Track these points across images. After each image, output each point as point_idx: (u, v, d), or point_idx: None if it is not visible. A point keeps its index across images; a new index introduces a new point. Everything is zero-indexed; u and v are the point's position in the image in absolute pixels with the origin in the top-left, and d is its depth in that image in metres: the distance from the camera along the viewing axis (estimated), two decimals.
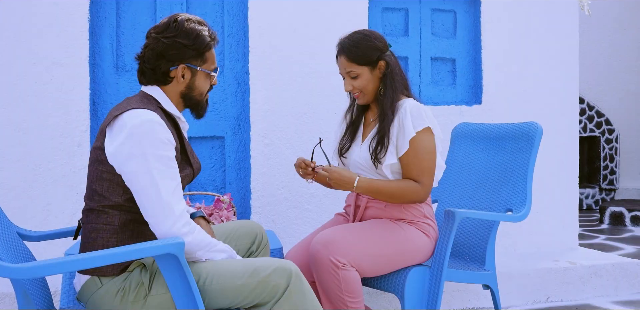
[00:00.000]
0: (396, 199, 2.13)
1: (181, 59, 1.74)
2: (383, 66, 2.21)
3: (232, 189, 3.12)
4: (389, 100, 2.18)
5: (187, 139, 1.86)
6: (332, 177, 2.08)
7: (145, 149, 1.58)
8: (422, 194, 2.13)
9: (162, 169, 1.60)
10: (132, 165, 1.59)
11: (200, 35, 1.74)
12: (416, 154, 2.12)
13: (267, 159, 3.05)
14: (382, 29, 3.27)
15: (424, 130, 2.13)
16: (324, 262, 2.01)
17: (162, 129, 1.63)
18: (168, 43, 1.72)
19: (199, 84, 1.79)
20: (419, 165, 2.12)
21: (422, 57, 3.32)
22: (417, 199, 2.14)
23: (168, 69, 1.74)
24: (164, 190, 1.58)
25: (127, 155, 1.59)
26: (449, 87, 3.38)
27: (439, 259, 2.21)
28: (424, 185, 2.13)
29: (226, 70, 3.11)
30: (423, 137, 2.13)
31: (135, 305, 1.60)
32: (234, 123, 3.12)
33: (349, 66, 2.17)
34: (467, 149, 2.78)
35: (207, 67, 1.79)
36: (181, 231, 1.58)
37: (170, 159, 1.63)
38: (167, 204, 1.58)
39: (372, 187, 2.10)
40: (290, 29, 3.05)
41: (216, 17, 3.11)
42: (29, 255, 1.80)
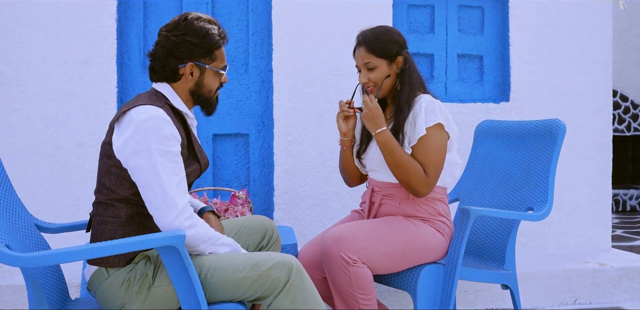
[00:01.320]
0: (400, 171, 2.09)
1: (190, 57, 1.77)
2: (401, 62, 2.20)
3: (256, 186, 3.16)
4: (405, 96, 2.18)
5: (195, 135, 1.89)
6: (370, 107, 2.10)
7: (150, 144, 1.62)
8: (423, 182, 2.09)
9: (166, 163, 1.63)
10: (137, 160, 1.63)
11: (209, 34, 1.77)
12: (424, 148, 2.11)
13: (291, 156, 3.07)
14: (407, 26, 3.25)
15: (435, 126, 2.11)
16: (335, 259, 2.01)
17: (168, 125, 1.66)
18: (177, 41, 1.75)
19: (207, 81, 1.82)
20: (424, 159, 2.11)
21: (449, 54, 3.28)
22: (417, 185, 2.09)
23: (177, 67, 1.77)
24: (168, 184, 1.62)
25: (132, 150, 1.63)
26: (476, 84, 3.33)
27: (453, 257, 2.18)
28: (428, 176, 2.10)
29: (250, 68, 3.14)
30: (433, 132, 2.11)
31: (139, 296, 1.64)
32: (258, 120, 3.15)
33: (368, 57, 2.17)
34: (490, 147, 2.73)
35: (216, 65, 1.82)
36: (183, 224, 1.61)
37: (174, 154, 1.66)
38: (170, 197, 1.61)
39: (389, 143, 2.08)
40: (313, 27, 3.07)
41: (241, 15, 3.15)
42: (45, 247, 1.86)
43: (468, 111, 3.21)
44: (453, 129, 2.18)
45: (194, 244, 1.66)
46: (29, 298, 1.62)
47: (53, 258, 1.43)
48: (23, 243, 1.73)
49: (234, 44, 3.15)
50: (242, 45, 3.15)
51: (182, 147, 1.73)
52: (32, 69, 2.89)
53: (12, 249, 1.57)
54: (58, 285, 1.78)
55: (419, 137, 2.10)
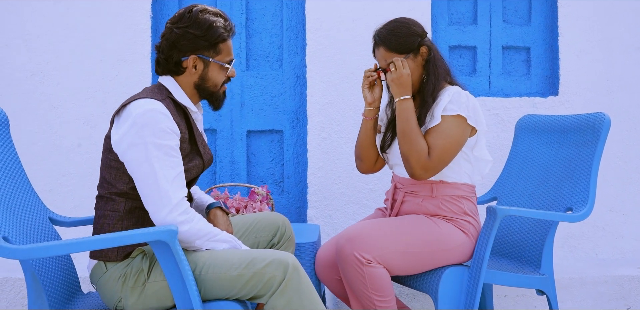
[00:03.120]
0: (405, 141, 2.00)
1: (193, 50, 1.74)
2: (425, 52, 2.10)
3: (290, 183, 3.11)
4: (431, 87, 2.07)
5: (201, 129, 1.86)
6: (402, 73, 2.02)
7: (146, 138, 1.60)
8: (423, 163, 1.97)
9: (162, 157, 1.60)
10: (133, 154, 1.61)
11: (213, 27, 1.73)
12: (434, 133, 2.00)
13: (324, 153, 3.00)
14: (447, 17, 3.11)
15: (453, 116, 1.99)
16: (349, 258, 1.93)
17: (165, 118, 1.63)
18: (180, 33, 1.72)
19: (212, 75, 1.78)
20: (432, 141, 2.00)
21: (493, 46, 3.12)
22: (416, 163, 1.97)
23: (180, 59, 1.75)
24: (162, 178, 1.59)
25: (128, 144, 1.61)
26: (522, 77, 3.15)
27: (478, 259, 2.05)
28: (430, 159, 1.98)
29: (285, 64, 3.10)
30: (449, 121, 1.99)
31: (135, 291, 1.62)
32: (292, 117, 3.10)
33: (389, 56, 2.08)
34: (530, 143, 2.57)
35: (221, 59, 1.78)
36: (177, 220, 1.58)
37: (171, 148, 1.63)
38: (165, 192, 1.58)
39: (408, 112, 2.01)
40: (348, 20, 2.99)
41: (275, 11, 3.11)
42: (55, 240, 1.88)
43: (513, 106, 3.04)
44: (480, 123, 2.05)
45: (188, 240, 1.62)
46: (28, 292, 1.63)
47: (41, 251, 1.43)
48: (31, 236, 1.75)
49: (268, 39, 3.11)
50: (276, 40, 3.11)
51: (182, 141, 1.70)
52: (71, 67, 2.95)
53: (11, 242, 1.59)
54: (63, 279, 1.78)
55: (434, 124, 1.99)
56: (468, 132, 2.03)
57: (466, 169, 2.09)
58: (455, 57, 3.13)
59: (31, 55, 2.95)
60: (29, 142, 2.93)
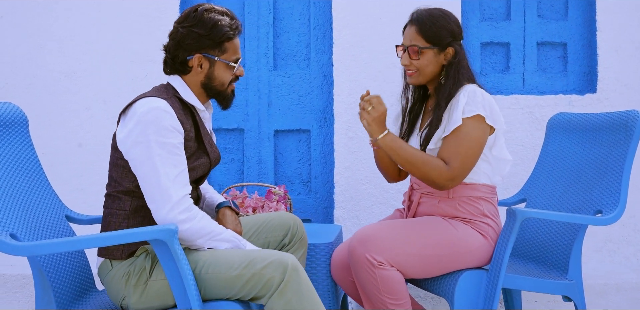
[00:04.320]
0: (414, 167, 1.92)
1: (198, 49, 1.74)
2: (450, 54, 2.03)
3: (317, 183, 3.08)
4: (446, 91, 2.00)
5: (209, 128, 1.86)
6: (378, 110, 1.92)
7: (149, 136, 1.60)
8: (445, 174, 1.90)
9: (165, 156, 1.61)
10: (136, 152, 1.62)
11: (217, 25, 1.72)
12: (455, 139, 1.93)
13: (351, 153, 2.96)
14: (479, 13, 3.02)
15: (473, 117, 1.92)
16: (360, 260, 1.89)
17: (169, 117, 1.64)
18: (184, 32, 1.73)
19: (218, 74, 1.78)
20: (454, 149, 1.92)
21: (527, 42, 3.01)
22: (439, 179, 1.91)
23: (185, 59, 1.75)
24: (164, 176, 1.59)
25: (132, 142, 1.62)
26: (559, 74, 3.03)
27: (496, 263, 1.98)
28: (451, 168, 1.91)
29: (312, 63, 3.07)
30: (470, 123, 1.92)
31: (137, 290, 1.63)
32: (319, 116, 3.08)
33: (416, 39, 2.01)
34: (561, 142, 2.47)
35: (227, 58, 1.77)
36: (178, 218, 1.58)
37: (174, 147, 1.63)
38: (166, 190, 1.58)
39: (394, 143, 1.92)
40: (375, 18, 2.94)
41: (302, 9, 3.09)
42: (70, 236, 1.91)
43: (548, 104, 2.93)
44: (499, 121, 1.97)
45: (189, 239, 1.62)
46: (35, 290, 1.66)
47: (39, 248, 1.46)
48: (44, 233, 1.79)
49: (295, 38, 3.10)
50: (304, 39, 3.10)
51: (188, 140, 1.70)
52: (101, 68, 3.01)
53: (19, 239, 1.62)
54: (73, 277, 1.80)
55: (454, 127, 1.92)
56: (487, 132, 1.96)
57: (485, 170, 2.02)
58: (487, 54, 3.04)
59: (64, 57, 3.02)
60: (61, 141, 3.00)
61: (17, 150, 1.91)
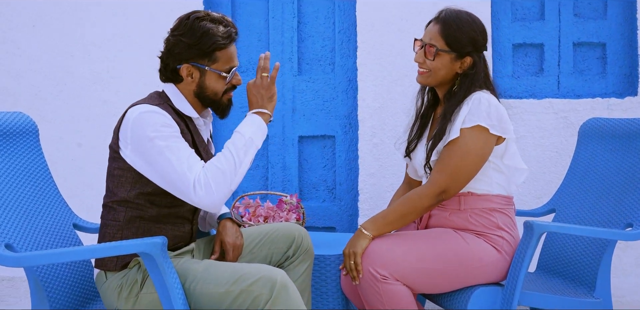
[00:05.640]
0: (407, 214, 1.85)
1: (187, 58, 1.70)
2: (467, 63, 1.93)
3: (342, 190, 3.02)
4: (455, 102, 1.90)
5: (205, 136, 1.82)
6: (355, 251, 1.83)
7: (149, 134, 1.59)
8: (429, 193, 1.82)
9: (170, 145, 1.60)
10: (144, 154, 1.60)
11: (207, 34, 1.68)
12: (448, 151, 1.84)
13: (376, 159, 2.88)
14: (511, 13, 2.89)
15: (473, 128, 1.81)
16: (364, 274, 1.81)
17: (160, 116, 1.62)
18: (174, 41, 1.70)
19: (209, 83, 1.73)
20: (445, 161, 1.83)
21: (562, 43, 2.86)
22: (428, 201, 1.83)
23: (176, 67, 1.72)
24: (177, 162, 1.58)
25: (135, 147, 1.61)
26: (597, 76, 2.86)
27: (512, 278, 1.86)
28: (433, 184, 1.82)
29: (337, 68, 3.01)
30: (468, 134, 1.82)
31: (128, 302, 1.61)
32: (344, 122, 3.01)
33: (436, 39, 1.91)
34: (594, 149, 2.32)
35: (218, 67, 1.72)
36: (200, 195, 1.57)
37: (175, 136, 1.62)
38: (183, 174, 1.57)
39: (377, 220, 1.86)
40: (400, 21, 2.85)
41: (327, 13, 3.03)
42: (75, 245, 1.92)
43: (584, 108, 2.77)
44: (507, 130, 1.86)
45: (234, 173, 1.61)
46: (31, 299, 1.66)
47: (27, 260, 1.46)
48: (47, 242, 1.79)
49: (320, 42, 3.04)
50: (328, 43, 3.04)
51: None
52: (128, 75, 3.04)
53: (15, 249, 1.63)
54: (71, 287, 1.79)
55: (451, 139, 1.83)
56: (491, 142, 1.85)
57: (498, 180, 1.91)
58: (520, 56, 2.90)
59: (92, 65, 3.07)
60: (89, 147, 3.05)
61: (27, 159, 1.93)
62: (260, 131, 1.70)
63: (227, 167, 1.61)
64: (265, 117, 1.73)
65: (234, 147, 1.64)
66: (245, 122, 1.71)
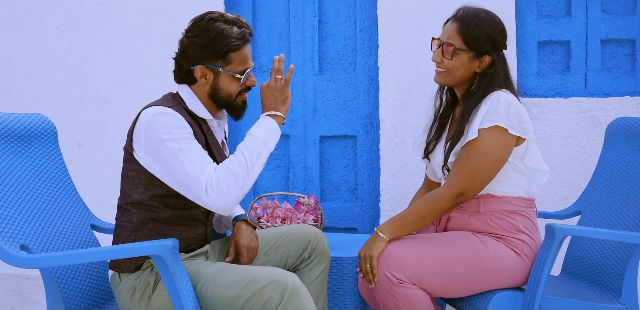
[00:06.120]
0: (429, 216, 1.82)
1: (200, 60, 1.70)
2: (486, 63, 1.89)
3: (364, 191, 2.98)
4: (473, 102, 1.86)
5: (219, 138, 1.81)
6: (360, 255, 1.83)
7: (162, 136, 1.59)
8: (447, 195, 1.79)
9: (183, 147, 1.59)
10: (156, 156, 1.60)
11: (221, 36, 1.67)
12: (466, 152, 1.80)
13: (397, 160, 2.85)
14: (536, 10, 2.81)
15: (491, 128, 1.77)
16: (379, 277, 1.79)
17: (173, 118, 1.62)
18: (188, 42, 1.70)
19: (223, 85, 1.72)
20: (462, 162, 1.80)
21: (589, 40, 2.78)
22: (446, 204, 1.80)
23: (189, 69, 1.71)
24: (189, 164, 1.57)
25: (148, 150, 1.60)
26: (626, 74, 2.77)
27: (532, 283, 1.81)
28: (450, 186, 1.78)
29: (358, 67, 2.98)
30: (486, 135, 1.77)
31: (141, 304, 1.61)
32: (366, 121, 2.98)
33: (454, 38, 1.88)
34: (621, 150, 2.25)
35: (232, 69, 1.71)
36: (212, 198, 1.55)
37: (187, 138, 1.62)
38: (195, 176, 1.56)
39: (394, 222, 1.83)
40: (422, 19, 2.80)
41: (349, 11, 3.00)
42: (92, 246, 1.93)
43: (612, 107, 2.68)
44: (528, 130, 1.81)
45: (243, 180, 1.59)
46: (47, 300, 1.67)
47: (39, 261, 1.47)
48: (63, 243, 1.80)
49: (341, 41, 3.01)
50: (349, 42, 3.01)
51: None
52: (150, 76, 3.05)
53: (31, 250, 1.64)
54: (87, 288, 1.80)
55: (468, 140, 1.78)
56: (510, 143, 1.80)
57: (518, 181, 1.86)
58: (545, 54, 2.83)
59: (115, 65, 3.09)
60: (113, 148, 3.07)
61: (45, 160, 1.95)
62: (274, 134, 1.68)
63: (240, 169, 1.59)
64: (278, 119, 1.71)
65: (247, 149, 1.63)
66: (258, 125, 1.69)
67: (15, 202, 1.68)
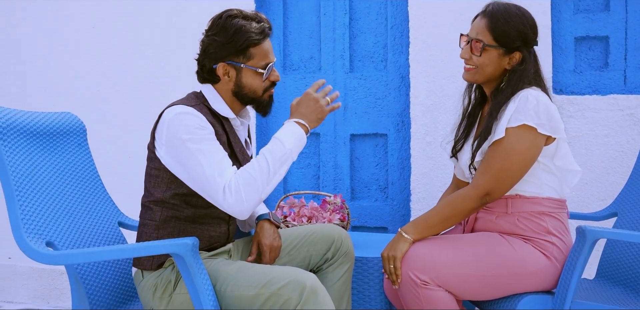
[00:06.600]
0: (454, 217, 1.79)
1: (222, 57, 1.69)
2: (516, 59, 1.84)
3: (394, 190, 2.95)
4: (502, 100, 1.81)
5: (242, 137, 1.81)
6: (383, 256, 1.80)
7: (182, 136, 1.59)
8: (473, 195, 1.75)
9: (203, 148, 1.59)
10: (176, 156, 1.60)
11: (240, 31, 1.66)
12: (494, 150, 1.75)
13: (429, 159, 2.80)
14: (572, 4, 2.73)
15: (519, 127, 1.72)
16: (403, 278, 1.75)
17: (195, 118, 1.62)
18: (208, 41, 1.70)
19: (247, 81, 1.72)
20: (489, 162, 1.76)
21: (629, 35, 2.67)
22: (472, 204, 1.76)
23: (212, 67, 1.71)
24: (208, 167, 1.56)
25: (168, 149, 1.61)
26: None
27: (563, 287, 1.76)
28: (476, 186, 1.74)
29: (389, 64, 2.94)
30: (513, 134, 1.72)
31: (162, 302, 1.61)
32: (397, 120, 2.94)
33: (483, 34, 1.84)
34: None
35: (254, 64, 1.70)
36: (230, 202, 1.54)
37: (208, 139, 1.61)
38: (213, 179, 1.55)
39: (419, 223, 1.79)
40: (454, 15, 2.75)
41: (379, 8, 2.97)
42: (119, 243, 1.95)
43: None
44: (558, 129, 1.75)
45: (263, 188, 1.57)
46: (72, 296, 1.70)
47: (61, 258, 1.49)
48: (90, 240, 1.83)
49: (372, 39, 2.98)
50: (381, 40, 2.97)
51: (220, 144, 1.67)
52: (181, 75, 3.08)
53: (56, 247, 1.66)
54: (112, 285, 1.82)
55: (495, 139, 1.74)
56: (539, 143, 1.74)
57: (548, 181, 1.80)
58: (583, 50, 2.74)
59: (147, 64, 3.13)
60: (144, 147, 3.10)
61: (74, 158, 1.98)
62: (300, 143, 1.66)
63: (260, 176, 1.57)
64: (305, 129, 1.68)
65: (272, 156, 1.60)
66: (287, 131, 1.66)
67: (43, 199, 1.71)
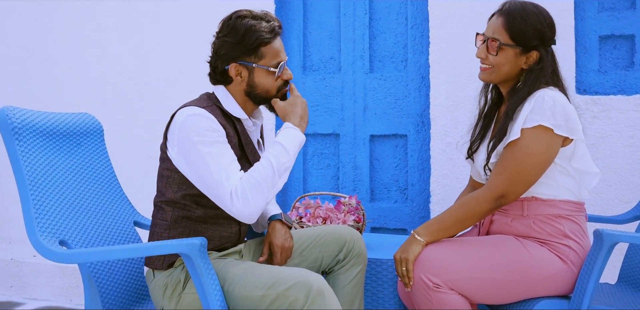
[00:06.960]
0: (468, 219, 1.75)
1: (233, 58, 1.70)
2: (533, 58, 1.80)
3: (414, 191, 2.92)
4: (518, 100, 1.77)
5: (254, 138, 1.80)
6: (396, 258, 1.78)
7: (193, 139, 1.60)
8: (488, 197, 1.71)
9: (213, 151, 1.59)
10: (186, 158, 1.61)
11: (250, 31, 1.66)
12: (509, 152, 1.72)
13: (449, 159, 2.77)
14: (597, 3, 2.67)
15: (535, 128, 1.68)
16: (416, 281, 1.73)
17: (207, 120, 1.62)
18: (219, 43, 1.71)
19: (259, 81, 1.71)
20: (503, 164, 1.72)
21: None
22: (487, 206, 1.72)
23: (224, 69, 1.71)
24: (216, 170, 1.57)
25: (180, 151, 1.62)
26: None
27: (579, 291, 1.71)
28: (491, 188, 1.70)
29: (409, 64, 2.92)
30: (529, 135, 1.68)
31: (172, 302, 1.62)
32: (417, 120, 2.91)
33: (500, 33, 1.81)
34: None
35: (266, 63, 1.70)
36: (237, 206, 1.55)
37: (219, 142, 1.62)
38: (220, 182, 1.56)
39: (431, 225, 1.77)
40: (474, 15, 2.71)
41: (400, 8, 2.94)
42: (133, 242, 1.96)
43: None
44: (576, 130, 1.71)
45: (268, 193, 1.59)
46: (85, 294, 1.72)
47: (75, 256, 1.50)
48: (104, 239, 1.85)
49: (392, 39, 2.96)
50: (401, 39, 2.95)
51: (232, 146, 1.68)
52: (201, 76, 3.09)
53: (70, 245, 1.68)
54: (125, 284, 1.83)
55: (510, 140, 1.70)
56: (556, 144, 1.70)
57: (566, 184, 1.76)
58: (607, 49, 2.68)
59: (169, 65, 3.15)
60: None
61: (91, 158, 2.00)
62: (299, 149, 1.70)
63: (265, 180, 1.58)
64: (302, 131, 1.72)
65: (277, 161, 1.61)
66: (288, 136, 1.67)
67: (58, 199, 1.74)
